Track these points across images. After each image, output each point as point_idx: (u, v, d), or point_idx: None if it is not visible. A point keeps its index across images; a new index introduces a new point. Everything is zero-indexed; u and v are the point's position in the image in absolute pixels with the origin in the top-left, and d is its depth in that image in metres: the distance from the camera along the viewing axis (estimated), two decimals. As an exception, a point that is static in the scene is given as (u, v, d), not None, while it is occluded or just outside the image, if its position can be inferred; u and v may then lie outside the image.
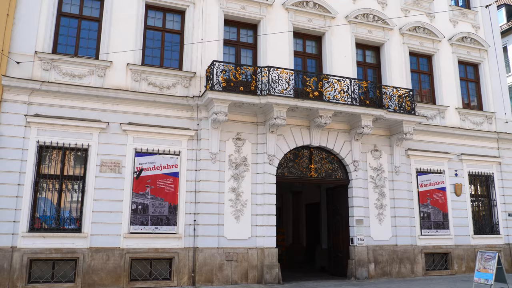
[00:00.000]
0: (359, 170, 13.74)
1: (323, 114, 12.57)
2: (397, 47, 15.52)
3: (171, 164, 11.97)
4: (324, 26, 14.42)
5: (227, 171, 12.31)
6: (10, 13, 11.27)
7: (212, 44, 12.81)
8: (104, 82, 11.73)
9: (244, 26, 13.84)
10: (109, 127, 11.55)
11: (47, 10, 11.63)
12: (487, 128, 16.43)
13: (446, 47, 16.53)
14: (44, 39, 11.45)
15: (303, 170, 13.47)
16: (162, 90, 12.20)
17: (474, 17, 17.44)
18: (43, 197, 10.93)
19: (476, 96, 17.11)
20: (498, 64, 17.23)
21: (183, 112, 12.31)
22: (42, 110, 11.08)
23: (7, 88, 10.86)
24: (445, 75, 16.18)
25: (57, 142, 11.08)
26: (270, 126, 12.40)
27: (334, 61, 14.29)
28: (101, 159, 11.38)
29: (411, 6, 16.23)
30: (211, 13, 13.09)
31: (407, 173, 14.56)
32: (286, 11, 14.04)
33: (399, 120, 13.70)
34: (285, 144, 12.99)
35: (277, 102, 11.92)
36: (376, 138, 14.24)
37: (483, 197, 16.19)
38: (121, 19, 12.23)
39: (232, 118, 12.34)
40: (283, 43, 13.69)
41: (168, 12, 13.05)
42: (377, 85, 13.80)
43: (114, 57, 11.87)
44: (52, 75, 11.35)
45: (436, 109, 15.61)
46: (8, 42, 11.11)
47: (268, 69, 12.17)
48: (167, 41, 12.85)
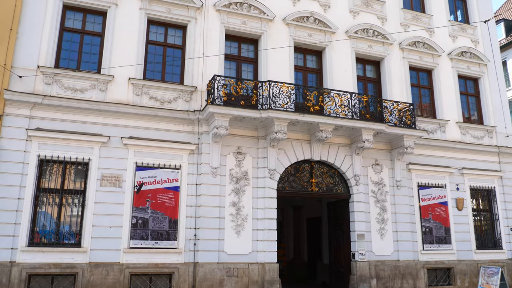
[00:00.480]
0: (360, 184, 13.69)
1: (324, 128, 12.59)
2: (397, 61, 15.60)
3: (172, 178, 11.94)
4: (324, 41, 14.53)
5: (228, 185, 12.28)
6: (14, 27, 11.36)
7: (213, 59, 12.89)
8: (106, 96, 11.77)
9: (245, 40, 13.94)
10: (110, 141, 11.55)
11: (50, 25, 11.73)
12: (488, 142, 16.42)
13: (446, 61, 16.62)
14: (47, 54, 11.53)
15: (304, 185, 13.43)
16: (163, 104, 12.23)
17: (473, 32, 17.57)
18: (43, 211, 10.88)
19: (477, 110, 17.14)
20: (498, 79, 17.30)
21: (184, 126, 12.33)
22: (43, 124, 11.10)
23: (9, 102, 10.90)
24: (445, 89, 16.24)
25: (58, 156, 11.08)
26: (271, 140, 12.41)
27: (335, 76, 14.36)
28: (101, 173, 11.35)
29: (410, 21, 16.36)
30: (212, 28, 13.20)
31: (409, 188, 14.51)
32: (286, 26, 14.15)
33: (399, 134, 13.70)
34: (286, 158, 12.98)
35: (278, 116, 11.94)
36: (377, 152, 14.23)
37: (485, 211, 16.11)
38: (123, 34, 12.33)
39: (233, 132, 12.35)
40: (283, 57, 13.78)
41: (169, 27, 13.16)
42: (378, 99, 13.85)
43: (116, 72, 11.93)
44: (54, 89, 11.39)
45: (436, 123, 15.63)
46: (10, 56, 11.18)
47: (269, 83, 12.23)
48: (168, 56, 12.93)
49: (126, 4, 12.55)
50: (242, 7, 13.62)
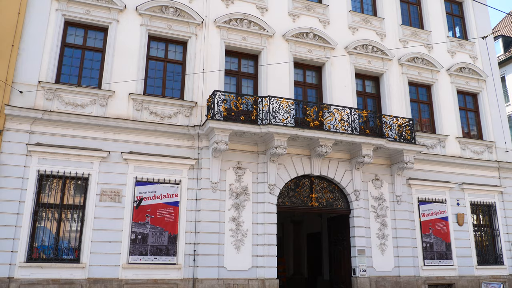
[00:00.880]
0: (360, 199, 13.66)
1: (324, 143, 12.61)
2: (396, 77, 15.70)
3: (172, 193, 11.92)
4: (324, 56, 14.64)
5: (228, 200, 12.25)
6: (15, 43, 11.46)
7: (214, 74, 12.98)
8: (106, 111, 11.82)
9: (245, 56, 14.05)
10: (110, 156, 11.56)
11: (51, 40, 11.83)
12: (488, 157, 16.43)
13: (445, 77, 16.72)
14: (48, 69, 11.61)
15: (304, 200, 13.40)
16: (163, 119, 12.27)
17: (472, 48, 17.72)
18: (42, 226, 10.83)
19: (476, 126, 17.19)
20: (497, 94, 17.39)
21: (184, 141, 12.35)
22: (43, 139, 11.12)
23: (10, 117, 10.93)
24: (445, 104, 16.31)
25: (58, 171, 11.07)
26: (271, 155, 12.42)
27: (334, 91, 14.43)
28: (101, 188, 11.34)
29: (409, 37, 16.51)
30: (212, 44, 13.31)
31: (409, 203, 14.47)
32: (286, 42, 14.28)
33: (399, 149, 13.72)
34: (286, 173, 12.97)
35: (277, 132, 11.97)
36: (377, 167, 14.22)
37: (486, 226, 16.04)
38: (124, 49, 12.43)
39: (233, 147, 12.37)
40: (283, 73, 13.87)
41: (170, 43, 13.27)
42: (377, 115, 13.90)
43: (117, 87, 12.00)
44: (55, 104, 11.44)
45: (436, 139, 15.66)
46: (12, 72, 11.26)
47: (268, 98, 12.28)
48: (169, 71, 13.02)
49: (127, 21, 12.68)
50: (242, 23, 13.76)
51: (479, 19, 18.32)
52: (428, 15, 17.28)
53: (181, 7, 13.18)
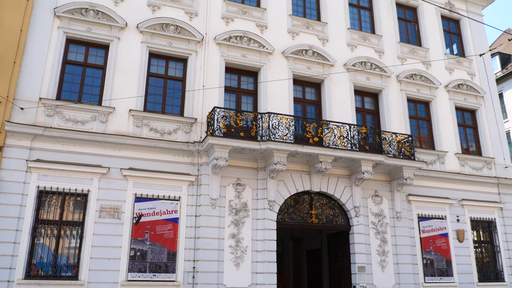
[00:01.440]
0: (360, 215, 13.62)
1: (323, 159, 12.63)
2: (395, 93, 15.81)
3: (171, 209, 11.90)
4: (323, 73, 14.76)
5: (227, 217, 12.21)
6: (17, 61, 11.57)
7: (213, 91, 13.07)
8: (106, 127, 11.86)
9: (244, 73, 14.17)
10: (109, 172, 11.57)
11: (53, 58, 11.94)
12: (487, 174, 16.45)
13: (443, 93, 16.84)
14: (49, 86, 11.70)
15: (303, 216, 13.37)
16: (163, 135, 12.32)
17: (469, 65, 17.88)
18: (41, 243, 10.78)
19: (475, 142, 17.24)
20: (495, 110, 17.50)
21: (183, 158, 12.38)
22: (43, 155, 11.14)
23: (10, 133, 10.97)
24: (443, 121, 16.39)
25: (57, 187, 11.07)
26: (270, 171, 12.43)
27: (334, 107, 14.52)
28: (100, 204, 11.32)
29: (407, 54, 16.68)
30: (212, 61, 13.44)
31: (409, 219, 14.43)
32: (285, 59, 14.41)
33: (399, 166, 13.74)
34: (286, 190, 12.97)
35: (277, 148, 12.00)
36: (377, 184, 14.23)
37: (486, 243, 15.97)
38: (125, 66, 12.54)
39: (232, 164, 12.39)
40: (283, 89, 13.97)
41: (170, 60, 13.39)
42: (376, 131, 13.95)
43: (117, 103, 12.07)
44: (55, 120, 11.50)
45: (435, 155, 15.69)
46: (13, 88, 11.34)
47: (268, 115, 12.35)
48: (169, 88, 13.11)
49: (128, 38, 12.82)
50: (242, 40, 13.91)
51: (476, 37, 18.53)
52: (425, 32, 17.49)
53: (182, 24, 13.34)
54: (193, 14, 13.76)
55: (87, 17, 12.46)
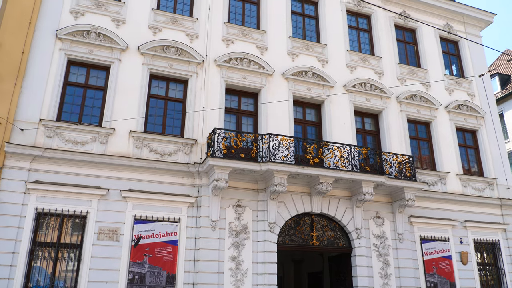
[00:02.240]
0: (361, 237, 13.45)
1: (324, 180, 12.55)
2: (395, 114, 15.81)
3: (170, 231, 11.76)
4: (323, 94, 14.80)
5: (227, 239, 12.06)
6: (18, 82, 11.62)
7: (214, 112, 13.08)
8: (106, 149, 11.83)
9: (245, 94, 14.21)
10: (108, 194, 11.49)
11: (54, 79, 12.00)
12: (490, 195, 16.32)
13: (443, 114, 16.85)
14: (49, 107, 11.72)
15: (304, 238, 13.20)
16: (163, 157, 12.27)
17: (469, 86, 17.94)
18: (38, 266, 10.61)
19: (476, 162, 17.16)
20: (496, 131, 17.47)
21: (183, 179, 12.30)
22: (42, 176, 11.08)
23: (9, 154, 10.93)
24: (444, 141, 16.35)
25: (56, 209, 10.97)
26: (271, 193, 12.34)
27: (334, 128, 14.51)
28: (99, 226, 11.19)
29: (406, 75, 16.76)
30: (213, 82, 13.49)
31: (411, 241, 14.24)
32: (285, 80, 14.47)
33: (400, 187, 13.64)
34: (286, 211, 12.85)
35: (277, 169, 11.94)
36: (378, 205, 14.10)
37: (491, 265, 15.72)
38: (126, 88, 12.58)
39: (232, 185, 12.30)
40: (283, 111, 13.99)
41: (171, 82, 13.45)
42: (377, 152, 13.90)
43: (117, 125, 12.07)
44: (55, 142, 11.47)
45: (437, 175, 15.60)
46: (14, 110, 11.36)
47: (268, 136, 12.33)
48: (169, 109, 13.13)
49: (129, 60, 12.91)
50: (242, 62, 13.99)
51: (475, 58, 18.66)
52: (424, 53, 17.62)
53: (182, 46, 13.45)
54: (194, 36, 13.88)
55: (88, 39, 12.57)
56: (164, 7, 14.16)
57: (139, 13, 13.53)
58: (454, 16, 18.93)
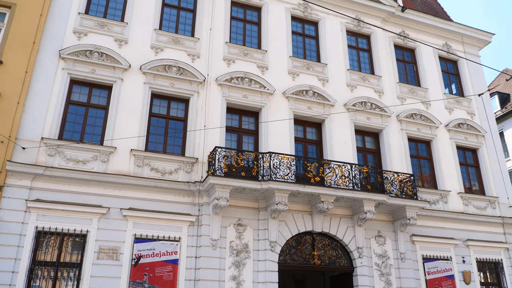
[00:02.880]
0: (363, 257, 13.35)
1: (325, 199, 12.52)
2: (396, 133, 15.87)
3: (171, 251, 11.69)
4: (323, 113, 14.88)
5: (228, 258, 11.98)
6: (21, 101, 11.71)
7: (215, 131, 13.14)
8: (107, 167, 11.85)
9: (246, 113, 14.29)
10: (109, 212, 11.46)
11: (56, 98, 12.10)
12: (491, 213, 16.25)
13: (444, 133, 16.89)
14: (51, 126, 11.79)
15: (306, 257, 13.11)
16: (164, 175, 12.28)
17: (469, 104, 18.03)
18: (37, 285, 10.52)
19: (477, 181, 17.13)
20: (496, 149, 17.49)
21: (184, 198, 12.29)
22: (43, 195, 11.08)
23: (11, 173, 10.96)
24: (445, 160, 16.36)
25: (56, 227, 10.93)
26: (271, 211, 12.30)
27: (335, 147, 14.54)
28: (99, 245, 11.13)
29: (406, 94, 16.87)
30: (214, 101, 13.58)
31: (413, 260, 14.12)
32: (286, 99, 14.57)
33: (401, 205, 13.60)
34: (287, 230, 12.79)
35: (278, 188, 11.93)
36: (380, 224, 14.03)
37: (494, 285, 15.54)
38: (127, 106, 12.67)
39: (233, 204, 12.28)
40: (284, 129, 14.04)
41: (173, 100, 13.55)
42: (378, 170, 13.91)
43: (119, 143, 12.12)
44: (56, 160, 11.50)
45: (438, 194, 15.56)
46: (16, 128, 11.42)
47: (269, 155, 12.35)
48: (171, 128, 13.20)
49: (131, 79, 13.03)
50: (243, 81, 14.11)
51: (474, 77, 18.81)
52: (424, 72, 17.77)
53: (184, 66, 13.59)
54: (196, 56, 14.04)
55: (91, 58, 12.72)
56: (166, 28, 14.36)
57: (142, 33, 13.72)
58: (452, 36, 19.15)
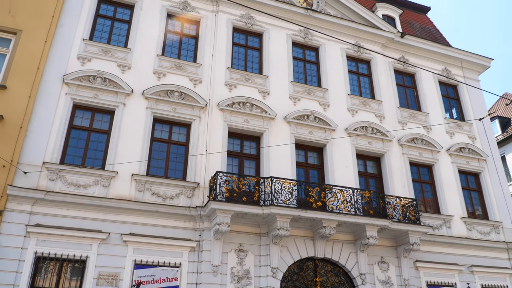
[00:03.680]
0: (366, 283, 13.14)
1: (327, 224, 12.42)
2: (397, 157, 15.84)
3: (171, 277, 11.53)
4: (325, 138, 14.90)
5: (229, 284, 11.80)
6: (24, 125, 11.77)
7: (216, 156, 13.14)
8: (108, 192, 11.82)
9: (247, 138, 14.32)
10: (109, 238, 11.36)
11: (59, 123, 12.17)
12: (496, 238, 16.06)
13: (445, 157, 16.86)
14: (53, 150, 11.81)
15: (308, 284, 12.90)
16: (165, 200, 12.23)
17: (470, 129, 18.06)
18: (35, 313, 10.36)
19: (480, 205, 17.01)
20: (498, 174, 17.42)
21: (185, 223, 12.20)
22: (43, 220, 11.01)
23: (12, 197, 10.92)
24: (447, 184, 16.28)
25: (55, 253, 10.82)
26: (273, 237, 12.18)
27: (336, 172, 14.50)
28: (98, 271, 10.99)
29: (407, 119, 16.93)
30: (216, 126, 13.63)
31: (417, 287, 13.88)
32: (287, 124, 14.62)
33: (404, 231, 13.46)
34: (289, 256, 12.63)
35: (280, 213, 11.85)
36: (383, 249, 13.86)
37: (500, 313, 15.26)
38: (129, 131, 12.72)
39: (234, 229, 12.17)
40: (285, 154, 14.04)
41: (174, 125, 13.61)
42: (380, 195, 13.83)
43: (120, 168, 12.11)
44: (58, 185, 11.48)
45: (441, 219, 15.42)
46: (18, 153, 11.44)
47: (271, 179, 12.32)
48: (172, 152, 13.21)
49: (134, 104, 13.12)
50: (244, 106, 14.19)
51: (475, 101, 18.91)
52: (424, 97, 17.88)
53: (186, 91, 13.70)
54: (198, 81, 14.17)
55: (94, 84, 12.84)
56: (169, 53, 14.54)
57: (145, 59, 13.89)
58: (452, 61, 19.34)
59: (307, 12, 16.78)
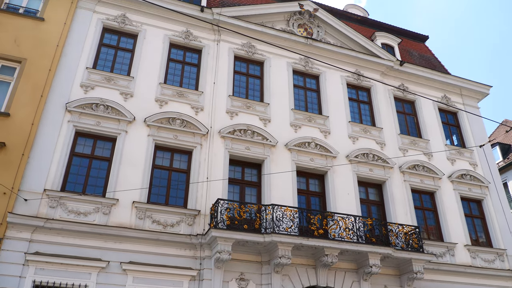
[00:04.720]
0: (370, 313, 12.89)
1: (329, 252, 12.28)
2: (399, 184, 15.79)
3: (171, 307, 11.33)
4: (326, 165, 14.90)
5: (230, 315, 11.59)
6: (26, 153, 11.81)
7: (217, 183, 13.11)
8: (109, 219, 11.75)
9: (248, 165, 14.32)
10: (109, 266, 11.22)
11: (61, 150, 12.21)
12: (500, 266, 15.84)
13: (447, 184, 16.81)
14: (55, 177, 11.81)
15: (311, 314, 12.66)
16: (166, 228, 12.14)
17: (471, 155, 18.06)
18: None
19: (484, 232, 16.83)
20: (501, 200, 17.32)
21: (186, 251, 12.07)
22: (42, 248, 10.91)
23: (11, 225, 10.86)
24: (450, 211, 16.16)
25: (54, 282, 10.67)
26: (275, 265, 12.03)
27: (338, 199, 14.43)
28: (97, 301, 10.82)
29: (408, 146, 16.96)
30: (217, 153, 13.66)
31: (422, 317, 13.63)
32: (289, 151, 14.64)
33: (407, 259, 13.29)
34: (291, 285, 12.44)
35: (281, 241, 11.73)
36: (386, 278, 13.65)
37: None
38: (131, 159, 12.74)
39: (236, 257, 12.03)
40: (286, 181, 14.01)
41: (176, 152, 13.63)
42: (382, 222, 13.72)
43: (121, 195, 12.07)
44: (58, 212, 11.43)
45: (444, 247, 15.25)
46: (19, 180, 11.44)
47: (272, 207, 12.25)
48: (173, 180, 13.19)
49: (136, 131, 13.19)
50: (246, 133, 14.26)
51: (475, 128, 18.98)
52: (424, 124, 17.96)
53: (188, 118, 13.79)
54: (199, 109, 14.28)
55: (97, 111, 12.95)
56: (171, 81, 14.72)
57: (147, 87, 14.05)
58: (451, 88, 19.53)
59: (307, 41, 17.06)
